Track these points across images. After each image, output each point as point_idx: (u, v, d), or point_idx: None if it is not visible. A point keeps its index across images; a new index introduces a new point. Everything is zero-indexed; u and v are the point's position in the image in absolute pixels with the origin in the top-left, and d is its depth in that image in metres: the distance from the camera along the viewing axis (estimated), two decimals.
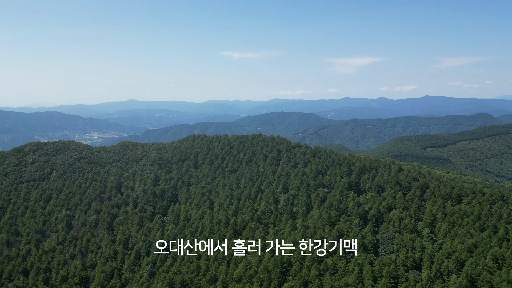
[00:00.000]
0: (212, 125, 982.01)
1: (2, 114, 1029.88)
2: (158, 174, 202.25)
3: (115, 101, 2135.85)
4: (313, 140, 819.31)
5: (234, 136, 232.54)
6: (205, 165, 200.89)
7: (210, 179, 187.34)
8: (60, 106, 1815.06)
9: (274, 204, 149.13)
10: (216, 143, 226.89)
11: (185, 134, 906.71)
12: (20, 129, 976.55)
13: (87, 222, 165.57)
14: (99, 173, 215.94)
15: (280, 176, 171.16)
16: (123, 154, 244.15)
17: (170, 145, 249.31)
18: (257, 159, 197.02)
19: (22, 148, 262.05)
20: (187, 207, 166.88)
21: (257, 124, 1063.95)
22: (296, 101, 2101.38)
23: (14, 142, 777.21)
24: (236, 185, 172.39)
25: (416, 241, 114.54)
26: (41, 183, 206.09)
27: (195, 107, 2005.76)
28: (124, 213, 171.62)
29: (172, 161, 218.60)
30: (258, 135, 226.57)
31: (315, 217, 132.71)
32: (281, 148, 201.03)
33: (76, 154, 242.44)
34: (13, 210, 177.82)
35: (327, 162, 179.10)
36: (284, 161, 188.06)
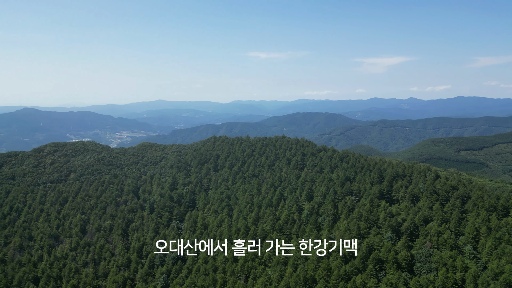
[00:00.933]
0: (238, 125, 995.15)
1: (38, 114, 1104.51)
2: (176, 177, 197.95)
3: (144, 101, 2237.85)
4: (340, 141, 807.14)
5: (256, 138, 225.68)
6: (225, 169, 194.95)
7: (230, 183, 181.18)
8: (92, 106, 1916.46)
9: (297, 213, 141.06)
10: (237, 145, 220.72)
11: (211, 134, 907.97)
12: (54, 128, 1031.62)
13: (101, 228, 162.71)
14: (116, 176, 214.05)
15: (304, 182, 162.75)
16: (142, 155, 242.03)
17: (190, 147, 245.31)
18: (280, 163, 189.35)
19: (43, 148, 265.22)
20: (205, 214, 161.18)
21: (283, 124, 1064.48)
22: (323, 101, 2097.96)
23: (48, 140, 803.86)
24: (257, 191, 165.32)
25: (458, 259, 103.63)
26: (58, 185, 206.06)
27: (221, 107, 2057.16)
28: (140, 219, 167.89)
29: (192, 164, 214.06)
30: (282, 137, 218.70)
31: (342, 228, 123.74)
32: (306, 152, 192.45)
33: (94, 155, 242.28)
34: (28, 213, 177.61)
35: (356, 168, 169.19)
36: (309, 165, 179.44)
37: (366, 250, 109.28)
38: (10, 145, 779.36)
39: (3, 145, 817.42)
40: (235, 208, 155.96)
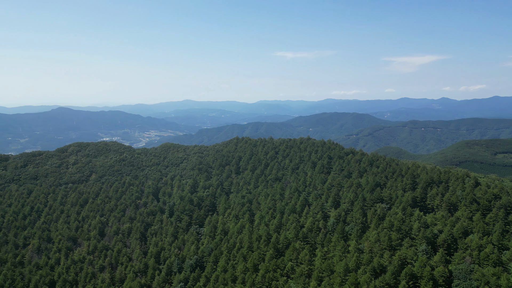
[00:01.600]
0: (263, 125, 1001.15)
1: (71, 113, 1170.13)
2: (197, 179, 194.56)
3: (172, 101, 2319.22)
4: (367, 142, 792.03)
5: (280, 140, 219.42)
6: (247, 171, 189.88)
7: (251, 187, 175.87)
8: (122, 105, 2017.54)
9: (322, 221, 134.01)
10: (260, 147, 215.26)
11: (236, 134, 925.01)
12: (86, 127, 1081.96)
13: (120, 231, 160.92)
14: (137, 177, 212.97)
15: (331, 188, 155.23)
16: (164, 156, 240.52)
17: (213, 148, 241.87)
18: (304, 166, 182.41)
19: (66, 148, 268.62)
20: (225, 219, 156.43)
21: (309, 124, 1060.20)
22: (350, 101, 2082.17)
23: (81, 138, 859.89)
24: (280, 195, 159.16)
25: (502, 278, 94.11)
26: (79, 186, 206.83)
27: (247, 107, 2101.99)
28: (159, 222, 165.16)
29: (213, 166, 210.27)
30: (307, 139, 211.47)
31: (372, 239, 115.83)
32: (333, 155, 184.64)
33: (116, 156, 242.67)
34: (48, 214, 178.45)
35: (387, 173, 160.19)
36: (335, 169, 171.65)
37: (398, 264, 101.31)
38: (45, 143, 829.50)
39: (38, 143, 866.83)
40: (257, 214, 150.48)
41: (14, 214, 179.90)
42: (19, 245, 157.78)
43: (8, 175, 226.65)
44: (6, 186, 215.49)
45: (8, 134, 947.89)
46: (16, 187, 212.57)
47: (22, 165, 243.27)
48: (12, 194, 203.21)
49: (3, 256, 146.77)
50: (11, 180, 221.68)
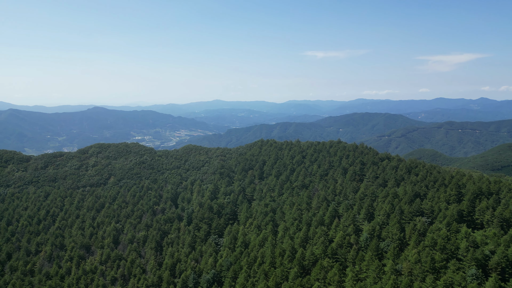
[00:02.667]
0: (292, 125, 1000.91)
1: (106, 112, 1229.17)
2: (218, 185, 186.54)
3: (202, 101, 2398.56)
4: (400, 144, 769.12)
5: (308, 143, 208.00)
6: (271, 177, 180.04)
7: (276, 194, 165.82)
8: (154, 105, 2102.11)
9: (354, 235, 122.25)
10: (286, 150, 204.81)
11: (265, 134, 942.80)
12: (120, 126, 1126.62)
13: (135, 239, 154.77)
14: (156, 181, 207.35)
15: (364, 198, 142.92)
16: (185, 159, 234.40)
17: (236, 151, 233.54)
18: (334, 172, 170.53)
19: (87, 149, 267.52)
20: (246, 229, 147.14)
21: (339, 125, 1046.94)
22: (382, 101, 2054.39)
23: (115, 137, 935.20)
24: (306, 205, 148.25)
25: None
26: (96, 189, 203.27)
27: (276, 107, 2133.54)
28: (176, 230, 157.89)
29: (236, 170, 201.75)
30: (337, 142, 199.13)
31: (411, 259, 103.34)
32: (366, 160, 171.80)
33: (136, 158, 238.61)
34: (63, 219, 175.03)
35: (427, 182, 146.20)
36: (369, 177, 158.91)
37: None
38: (80, 141, 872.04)
39: (75, 141, 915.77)
40: (281, 225, 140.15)
41: (29, 218, 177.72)
42: (31, 252, 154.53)
43: (27, 176, 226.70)
44: (24, 188, 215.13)
45: (47, 132, 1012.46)
46: (34, 189, 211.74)
47: (42, 166, 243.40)
48: (29, 197, 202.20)
49: (14, 263, 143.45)
50: (29, 182, 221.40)
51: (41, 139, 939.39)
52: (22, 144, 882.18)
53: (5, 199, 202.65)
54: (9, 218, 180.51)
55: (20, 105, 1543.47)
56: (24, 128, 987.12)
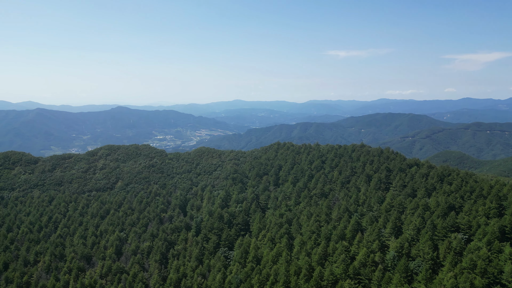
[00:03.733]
0: (312, 126, 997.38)
1: (129, 112, 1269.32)
2: (230, 191, 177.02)
3: (223, 101, 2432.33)
4: (425, 145, 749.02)
5: (328, 147, 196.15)
6: (287, 184, 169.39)
7: (292, 203, 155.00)
8: (175, 105, 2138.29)
9: (380, 253, 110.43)
10: (304, 154, 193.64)
11: (285, 134, 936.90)
12: (142, 125, 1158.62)
13: (139, 250, 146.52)
14: (165, 186, 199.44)
15: (390, 209, 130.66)
16: (196, 163, 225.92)
17: (250, 154, 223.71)
18: (357, 180, 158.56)
19: (96, 151, 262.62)
20: (259, 242, 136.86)
21: (361, 125, 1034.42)
22: (406, 101, 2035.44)
23: (137, 136, 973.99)
24: (326, 216, 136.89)
25: None
26: (102, 194, 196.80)
27: (296, 107, 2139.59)
28: (183, 241, 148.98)
29: (249, 175, 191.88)
30: (360, 146, 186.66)
31: (447, 284, 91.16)
32: (392, 167, 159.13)
33: (146, 161, 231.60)
34: (65, 227, 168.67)
35: (463, 192, 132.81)
36: (396, 186, 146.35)
37: None
38: (104, 140, 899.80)
39: (98, 140, 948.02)
40: (297, 238, 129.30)
41: (30, 225, 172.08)
42: (29, 262, 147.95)
43: (33, 179, 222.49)
44: (29, 192, 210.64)
45: (73, 131, 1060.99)
46: (38, 193, 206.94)
47: (49, 168, 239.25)
48: (33, 201, 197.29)
49: (10, 274, 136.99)
50: (35, 185, 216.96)
51: (67, 138, 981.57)
52: (49, 142, 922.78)
53: (9, 203, 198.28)
54: (10, 224, 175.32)
55: (47, 105, 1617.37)
56: (51, 127, 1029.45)
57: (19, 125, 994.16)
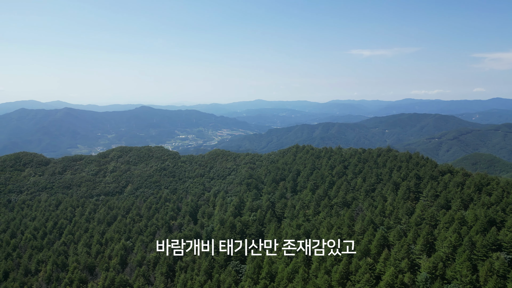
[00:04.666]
0: (334, 126, 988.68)
1: (152, 111, 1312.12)
2: (243, 198, 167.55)
3: (244, 101, 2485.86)
4: (452, 147, 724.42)
5: (351, 151, 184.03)
6: (306, 191, 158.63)
7: (311, 212, 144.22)
8: (198, 105, 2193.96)
9: (409, 273, 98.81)
10: (325, 159, 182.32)
11: (306, 134, 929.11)
12: (165, 125, 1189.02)
13: (144, 261, 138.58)
14: (176, 191, 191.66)
15: (421, 222, 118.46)
16: (210, 166, 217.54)
17: (267, 157, 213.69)
18: (383, 188, 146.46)
19: (108, 153, 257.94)
20: (273, 255, 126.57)
21: (384, 126, 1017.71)
22: (432, 102, 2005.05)
23: (160, 135, 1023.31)
24: (348, 228, 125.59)
25: None
26: (111, 199, 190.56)
27: (318, 107, 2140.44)
28: (192, 252, 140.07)
29: (265, 181, 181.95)
30: (386, 150, 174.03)
31: None
32: (422, 174, 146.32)
33: (157, 164, 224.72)
34: (70, 233, 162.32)
35: (504, 204, 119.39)
36: (427, 195, 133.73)
37: None
38: (128, 139, 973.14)
39: (123, 138, 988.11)
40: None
41: (34, 230, 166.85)
42: (30, 271, 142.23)
43: (41, 182, 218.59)
44: (37, 195, 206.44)
45: (98, 130, 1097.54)
46: (46, 196, 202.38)
47: (60, 171, 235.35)
48: (40, 205, 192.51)
49: (9, 285, 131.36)
50: (43, 188, 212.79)
51: (92, 137, 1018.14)
52: (75, 141, 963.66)
53: (15, 207, 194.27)
54: (14, 229, 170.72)
55: (75, 104, 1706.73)
56: (78, 126, 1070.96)
57: (47, 124, 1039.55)
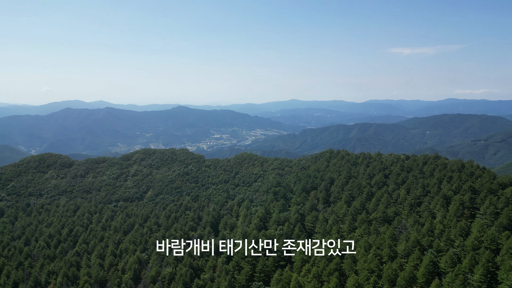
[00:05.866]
0: (372, 126, 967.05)
1: (189, 111, 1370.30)
2: (269, 208, 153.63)
3: (279, 101, 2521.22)
4: (500, 150, 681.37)
5: (393, 157, 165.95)
6: (340, 203, 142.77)
7: (345, 228, 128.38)
8: (233, 105, 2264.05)
9: None
10: (363, 166, 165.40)
11: (341, 135, 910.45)
12: (200, 124, 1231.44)
13: (159, 277, 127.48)
14: (197, 198, 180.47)
15: (479, 246, 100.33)
16: (235, 171, 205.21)
17: (297, 163, 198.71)
18: (430, 202, 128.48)
19: (131, 155, 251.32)
20: (301, 278, 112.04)
21: (425, 127, 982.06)
22: (477, 102, 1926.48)
23: (196, 134, 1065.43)
24: (389, 250, 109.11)
25: None
26: (129, 205, 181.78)
27: (354, 106, 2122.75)
28: (211, 269, 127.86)
29: (294, 189, 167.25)
30: (434, 157, 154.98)
31: None
32: (478, 186, 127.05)
33: (180, 168, 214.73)
34: (84, 242, 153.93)
35: None
36: (485, 212, 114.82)
37: None
38: (165, 138, 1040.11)
39: (160, 137, 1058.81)
40: (350, 277, 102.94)
41: (48, 238, 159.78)
42: (40, 283, 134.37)
43: (62, 185, 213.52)
44: (56, 199, 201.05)
45: (137, 129, 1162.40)
46: (65, 201, 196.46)
47: (82, 173, 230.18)
48: (58, 210, 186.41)
49: None
50: (63, 192, 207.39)
51: (131, 135, 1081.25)
52: (115, 139, 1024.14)
53: (33, 211, 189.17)
54: (28, 236, 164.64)
55: (116, 104, 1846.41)
56: (118, 125, 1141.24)
57: (90, 122, 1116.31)
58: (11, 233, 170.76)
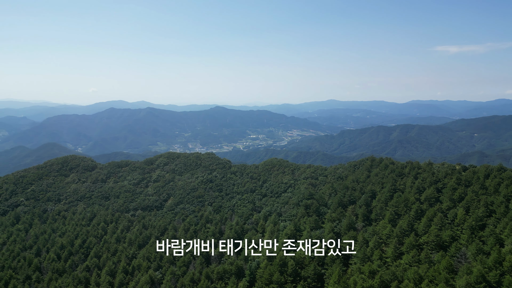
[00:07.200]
0: (414, 128, 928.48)
1: (226, 112, 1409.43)
2: (300, 224, 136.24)
3: (316, 101, 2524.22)
4: None
5: (446, 169, 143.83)
6: (383, 221, 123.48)
7: (390, 254, 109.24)
8: (269, 105, 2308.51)
9: None
10: (410, 177, 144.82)
11: (382, 136, 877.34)
12: (237, 124, 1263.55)
13: None
14: (220, 209, 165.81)
15: None
16: (263, 179, 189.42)
17: (333, 172, 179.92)
18: (497, 225, 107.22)
19: (155, 159, 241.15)
20: None
21: (473, 129, 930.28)
22: None
23: (232, 134, 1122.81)
24: (445, 284, 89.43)
25: None
26: (147, 215, 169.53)
27: (396, 107, 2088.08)
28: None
29: (329, 203, 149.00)
30: (498, 169, 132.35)
31: None
32: None
33: (204, 174, 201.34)
34: (96, 256, 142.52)
35: None
36: None
37: None
38: (203, 138, 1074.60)
39: (198, 137, 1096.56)
40: None
41: (60, 249, 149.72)
42: None
43: (81, 190, 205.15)
44: (74, 205, 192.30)
45: (176, 128, 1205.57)
46: (82, 207, 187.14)
47: (103, 178, 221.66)
48: (73, 217, 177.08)
49: None
50: (82, 198, 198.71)
51: (171, 135, 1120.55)
52: (155, 138, 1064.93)
53: (49, 218, 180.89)
54: (40, 246, 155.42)
55: (156, 104, 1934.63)
56: (158, 124, 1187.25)
57: (132, 122, 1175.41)
58: (24, 242, 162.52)
